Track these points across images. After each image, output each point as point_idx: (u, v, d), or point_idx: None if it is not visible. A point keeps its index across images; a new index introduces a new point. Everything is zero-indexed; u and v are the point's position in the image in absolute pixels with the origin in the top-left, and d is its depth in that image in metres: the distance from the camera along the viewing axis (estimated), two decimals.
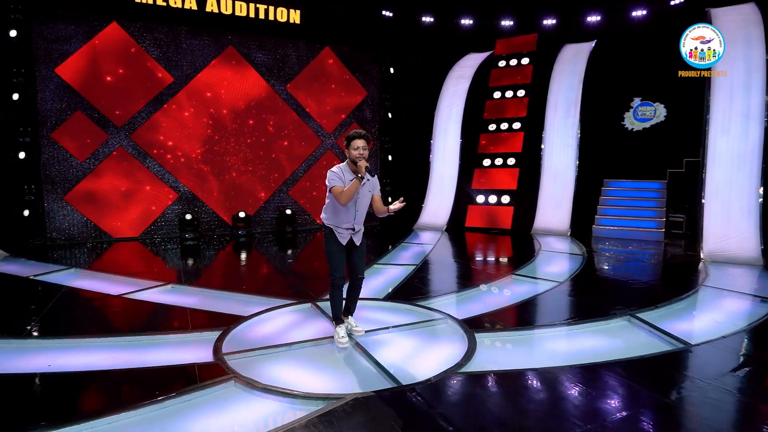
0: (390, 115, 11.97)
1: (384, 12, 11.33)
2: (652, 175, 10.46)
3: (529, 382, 3.33)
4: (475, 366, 3.54)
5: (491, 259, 8.23)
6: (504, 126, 11.49)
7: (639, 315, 4.60)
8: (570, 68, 10.97)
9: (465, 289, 5.80)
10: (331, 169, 3.82)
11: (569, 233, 9.91)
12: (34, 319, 4.57)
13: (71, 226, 9.13)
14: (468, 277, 6.51)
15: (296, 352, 3.86)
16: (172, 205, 9.92)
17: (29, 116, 8.58)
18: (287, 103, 10.84)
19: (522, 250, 8.77)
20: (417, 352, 3.89)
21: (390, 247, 8.86)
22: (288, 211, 10.81)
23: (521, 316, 4.89)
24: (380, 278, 6.33)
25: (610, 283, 6.43)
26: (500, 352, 3.90)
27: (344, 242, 3.90)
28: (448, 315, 4.62)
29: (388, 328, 4.35)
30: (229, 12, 10.17)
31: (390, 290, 5.69)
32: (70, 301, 5.34)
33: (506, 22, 11.86)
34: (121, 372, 3.47)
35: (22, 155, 8.56)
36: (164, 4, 9.58)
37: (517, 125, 11.35)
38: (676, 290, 5.63)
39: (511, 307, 5.10)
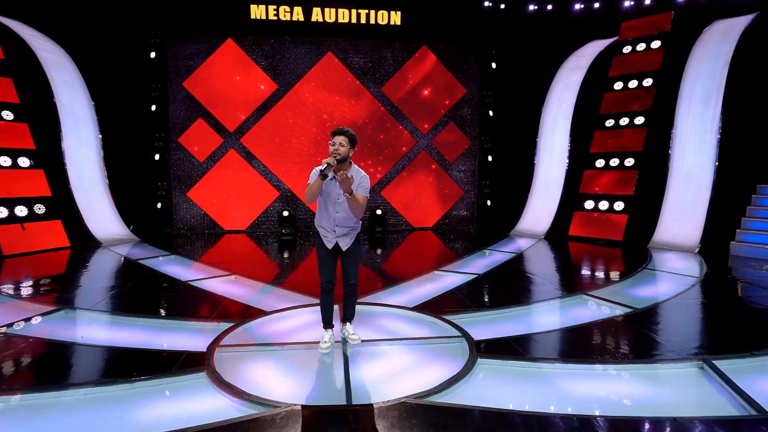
0: (491, 113, 11.26)
1: (485, 2, 10.67)
2: None
3: (499, 427, 2.77)
4: (448, 397, 3.08)
5: (574, 273, 7.16)
6: (624, 121, 9.91)
7: (717, 362, 3.51)
8: (713, 50, 8.99)
9: (511, 306, 5.13)
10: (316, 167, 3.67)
11: (698, 250, 8.12)
12: (108, 295, 5.37)
13: (192, 218, 10.57)
14: (526, 293, 5.75)
15: (285, 354, 3.83)
16: (274, 202, 10.80)
17: (162, 124, 10.18)
18: (382, 104, 10.95)
19: (622, 266, 7.47)
20: (402, 370, 3.55)
21: (470, 252, 8.34)
22: (378, 212, 10.92)
23: (556, 345, 4.12)
24: (430, 286, 5.97)
25: (709, 317, 5.02)
26: (496, 385, 3.34)
27: (329, 246, 3.72)
28: (466, 334, 4.12)
29: (389, 340, 4.07)
30: (333, 20, 10.65)
31: (426, 299, 5.32)
32: (145, 282, 6.14)
33: (628, 2, 10.20)
34: (127, 350, 3.85)
35: (156, 157, 10.21)
36: (275, 18, 10.47)
37: (639, 120, 9.69)
38: None
39: (554, 332, 4.34)
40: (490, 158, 11.38)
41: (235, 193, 10.63)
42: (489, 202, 11.46)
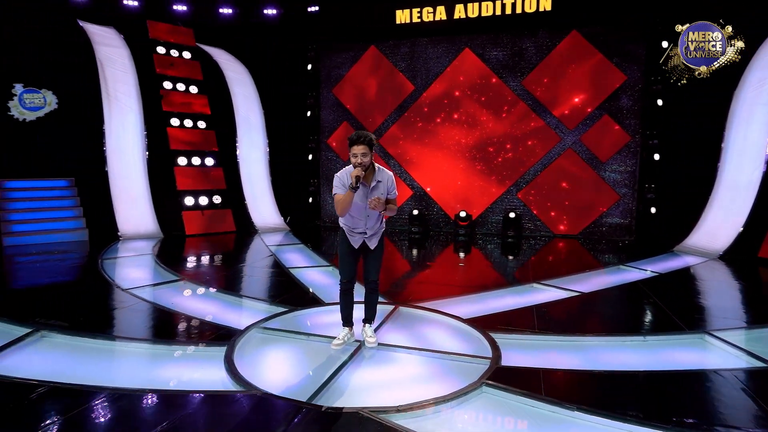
0: (660, 102, 9.31)
1: None
2: None
3: None
4: (414, 420, 2.79)
5: (724, 307, 5.43)
6: None
7: None
8: None
9: (585, 335, 4.24)
10: (338, 173, 3.68)
11: None
12: (221, 273, 6.38)
13: (334, 213, 11.61)
14: (623, 322, 4.66)
15: (306, 344, 3.98)
16: (407, 201, 11.06)
17: (315, 128, 11.44)
18: (522, 98, 10.13)
19: None
20: (397, 381, 3.36)
21: (602, 267, 7.15)
22: (512, 215, 10.17)
23: (600, 391, 3.26)
24: (513, 299, 5.38)
25: None
26: (484, 420, 2.86)
27: (356, 246, 3.73)
28: (497, 356, 3.63)
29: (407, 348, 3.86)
30: (475, 15, 10.32)
31: (493, 312, 4.80)
32: (259, 267, 7.04)
33: None
34: (190, 317, 4.55)
35: (309, 157, 11.54)
36: (419, 20, 10.70)
37: None
38: None
39: (611, 375, 3.47)
40: (656, 157, 9.43)
41: None
42: (653, 210, 9.52)
